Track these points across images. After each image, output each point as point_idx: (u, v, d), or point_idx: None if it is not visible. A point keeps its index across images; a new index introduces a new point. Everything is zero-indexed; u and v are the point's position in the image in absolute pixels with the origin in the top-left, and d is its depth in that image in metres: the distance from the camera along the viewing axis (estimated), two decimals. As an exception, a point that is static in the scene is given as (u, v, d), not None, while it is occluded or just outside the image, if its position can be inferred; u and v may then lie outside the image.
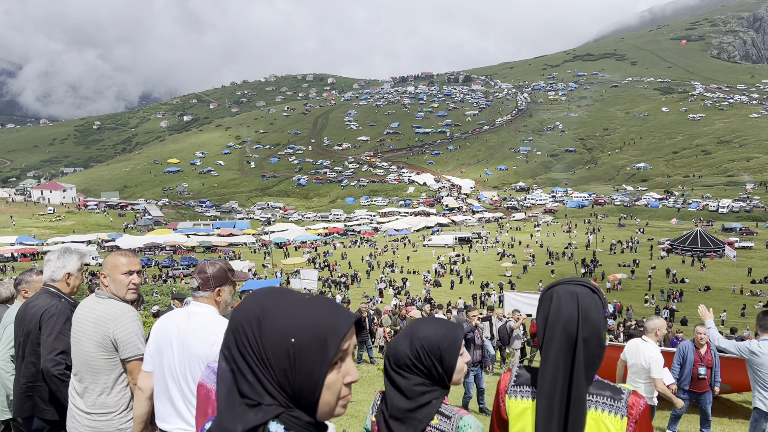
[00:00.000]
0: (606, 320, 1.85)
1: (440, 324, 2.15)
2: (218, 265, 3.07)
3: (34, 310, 3.51)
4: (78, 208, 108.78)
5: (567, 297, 1.84)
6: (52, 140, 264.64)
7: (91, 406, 3.11)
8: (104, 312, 3.13)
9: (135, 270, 3.30)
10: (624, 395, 1.76)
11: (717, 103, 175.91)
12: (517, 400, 1.91)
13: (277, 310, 1.15)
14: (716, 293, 46.03)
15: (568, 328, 1.79)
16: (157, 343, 2.92)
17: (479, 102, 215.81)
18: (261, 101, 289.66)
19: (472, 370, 9.41)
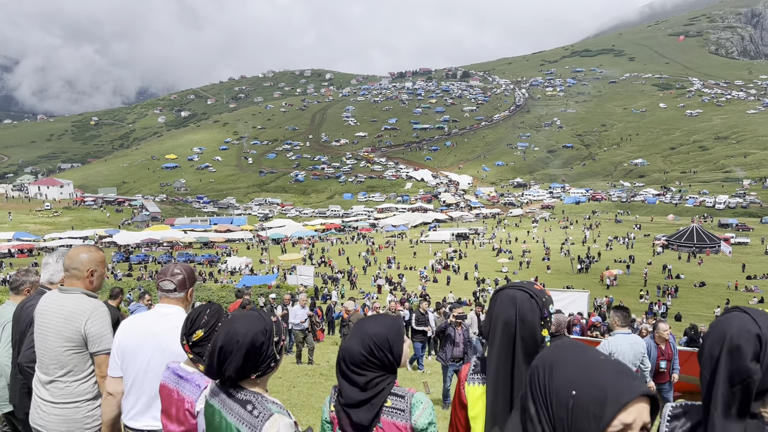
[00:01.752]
0: (542, 321, 2.07)
1: (383, 318, 2.39)
2: (186, 266, 3.19)
3: (29, 310, 3.58)
4: (75, 204, 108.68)
5: (507, 301, 2.11)
6: (50, 136, 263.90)
7: (58, 396, 3.15)
8: (75, 308, 3.17)
9: None
10: None
11: (714, 99, 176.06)
12: (474, 386, 2.19)
13: (571, 360, 1.22)
14: (711, 289, 46.19)
15: (506, 329, 2.07)
16: (128, 347, 2.97)
17: (477, 98, 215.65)
18: (259, 97, 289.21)
19: (451, 365, 9.53)
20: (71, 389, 3.18)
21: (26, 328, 3.59)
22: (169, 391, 2.64)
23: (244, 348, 2.10)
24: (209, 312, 2.71)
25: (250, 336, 2.11)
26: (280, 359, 2.26)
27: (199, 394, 2.49)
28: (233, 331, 2.13)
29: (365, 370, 2.22)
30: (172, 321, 2.96)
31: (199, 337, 2.65)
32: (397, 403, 2.22)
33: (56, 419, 3.14)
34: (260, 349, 2.13)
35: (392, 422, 2.20)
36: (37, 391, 3.22)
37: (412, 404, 2.22)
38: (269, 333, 2.17)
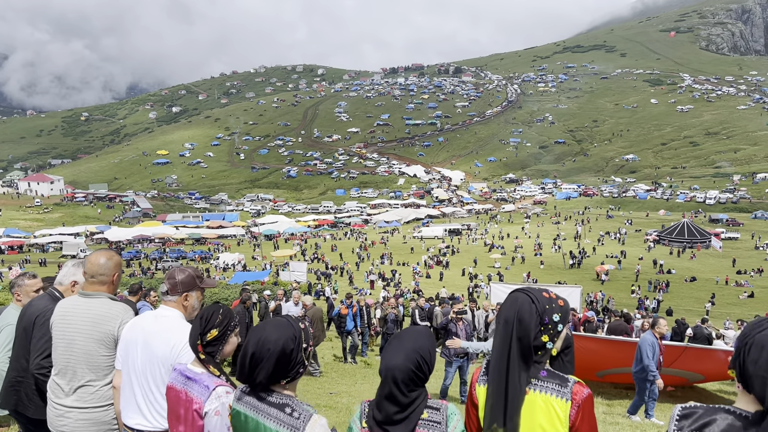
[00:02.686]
0: (541, 327, 2.14)
1: (419, 330, 2.40)
2: (187, 272, 3.21)
3: (32, 310, 3.67)
4: (66, 200, 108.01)
5: (511, 301, 2.21)
6: (39, 131, 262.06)
7: (88, 401, 3.19)
8: (106, 311, 3.24)
9: None
10: (570, 384, 2.11)
11: (705, 94, 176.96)
12: (483, 387, 2.25)
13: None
14: (702, 284, 46.55)
15: (505, 327, 2.17)
16: (126, 343, 3.04)
17: (469, 93, 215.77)
18: (250, 92, 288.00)
19: (455, 361, 9.53)
20: (101, 393, 3.23)
21: (28, 327, 3.63)
22: (177, 392, 2.66)
23: (275, 355, 2.17)
24: (222, 312, 2.74)
25: (281, 343, 2.18)
26: (308, 364, 2.33)
27: (207, 395, 2.53)
28: (264, 339, 2.19)
29: (416, 386, 2.22)
30: (164, 324, 3.00)
31: (213, 336, 2.68)
32: (433, 415, 2.23)
33: (85, 423, 3.18)
34: (290, 356, 2.21)
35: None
36: (58, 399, 3.23)
37: (447, 416, 2.23)
38: (298, 339, 2.24)
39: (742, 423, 1.69)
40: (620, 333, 10.92)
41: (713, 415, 1.74)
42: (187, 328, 2.93)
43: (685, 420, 1.78)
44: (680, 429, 1.78)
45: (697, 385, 11.27)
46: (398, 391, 2.20)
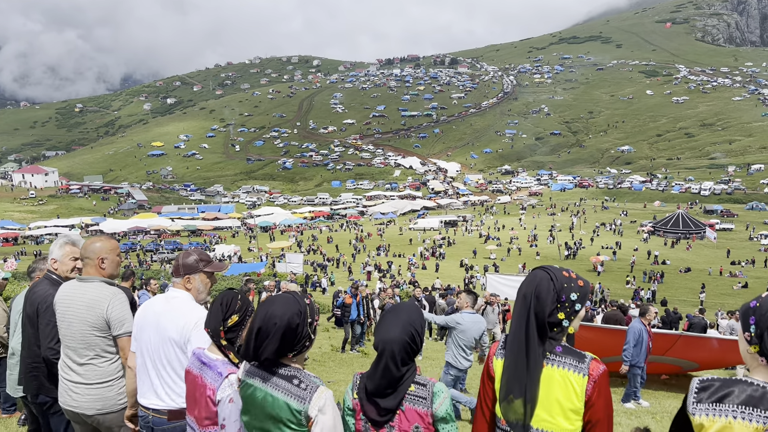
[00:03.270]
0: (558, 304, 2.22)
1: (409, 304, 2.53)
2: (193, 255, 3.26)
3: (34, 296, 3.80)
4: (60, 192, 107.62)
5: (531, 278, 2.30)
6: (33, 123, 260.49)
7: (93, 377, 3.35)
8: (96, 295, 3.35)
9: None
10: (587, 360, 2.18)
11: (701, 86, 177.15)
12: (500, 360, 2.33)
13: None
14: (696, 274, 46.80)
15: (524, 302, 2.26)
16: (139, 325, 3.14)
17: (465, 85, 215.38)
18: (245, 83, 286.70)
19: None
20: (103, 370, 3.38)
21: (33, 315, 3.75)
22: (194, 376, 2.70)
23: (282, 329, 2.24)
24: (241, 297, 2.79)
25: (286, 318, 2.25)
26: (314, 339, 2.40)
27: (220, 382, 2.56)
28: (271, 314, 2.27)
29: (409, 359, 2.36)
30: (174, 305, 3.07)
31: (234, 322, 2.73)
32: (419, 390, 2.34)
33: (91, 398, 3.34)
34: (296, 330, 2.28)
35: (414, 409, 2.33)
36: (67, 375, 3.39)
37: (433, 393, 2.34)
38: (304, 314, 2.31)
39: (762, 393, 1.73)
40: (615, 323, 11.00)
41: (731, 386, 1.77)
42: (196, 309, 3.05)
43: (703, 392, 1.81)
44: (699, 401, 1.82)
45: (691, 374, 11.37)
46: (393, 365, 2.31)
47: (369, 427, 2.37)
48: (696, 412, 1.82)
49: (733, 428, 1.74)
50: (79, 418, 3.44)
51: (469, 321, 7.27)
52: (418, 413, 2.33)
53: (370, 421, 2.36)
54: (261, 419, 2.29)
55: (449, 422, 2.36)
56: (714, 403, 1.77)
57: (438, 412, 2.33)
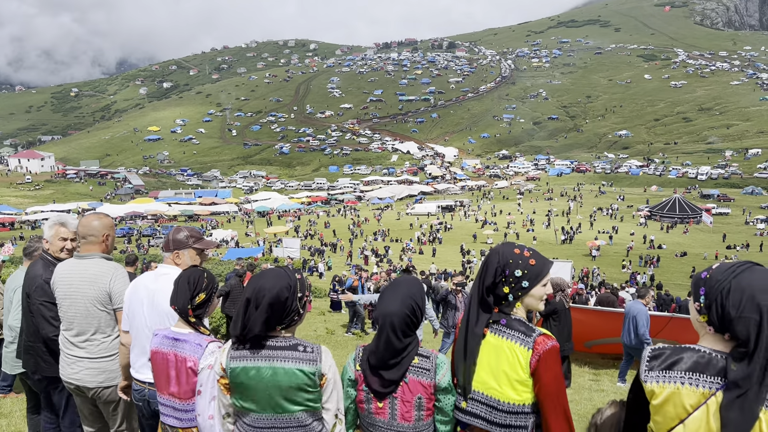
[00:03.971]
0: (502, 278, 2.31)
1: (410, 278, 2.60)
2: (184, 231, 3.35)
3: (29, 276, 3.86)
4: (57, 177, 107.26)
5: (488, 252, 2.45)
6: (29, 107, 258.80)
7: (95, 352, 3.47)
8: (98, 270, 3.45)
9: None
10: (534, 335, 2.26)
11: (699, 70, 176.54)
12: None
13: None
14: (692, 259, 46.96)
15: (478, 275, 2.41)
16: (130, 303, 3.21)
17: (463, 69, 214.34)
18: (242, 68, 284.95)
19: (453, 331, 9.70)
20: (106, 345, 3.50)
21: (33, 294, 3.79)
22: (164, 355, 2.72)
23: (270, 302, 2.28)
24: (207, 275, 2.85)
25: (275, 291, 2.29)
26: (303, 313, 2.44)
27: (201, 353, 2.61)
28: (260, 286, 2.31)
29: (410, 332, 2.41)
30: (165, 281, 3.12)
31: (201, 299, 2.79)
32: (423, 362, 2.40)
33: (93, 372, 3.46)
34: (285, 303, 2.31)
35: (418, 380, 2.37)
36: (69, 350, 3.50)
37: (436, 364, 2.40)
38: (293, 288, 2.34)
39: (708, 359, 1.79)
40: (608, 305, 11.08)
41: (681, 354, 1.85)
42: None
43: (655, 360, 1.88)
44: (651, 368, 1.88)
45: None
46: (395, 337, 2.36)
47: (371, 398, 2.42)
48: (647, 379, 1.88)
49: (681, 394, 1.81)
50: (80, 391, 3.53)
51: None
52: (422, 384, 2.37)
53: (373, 392, 2.41)
54: (273, 396, 2.30)
55: (450, 392, 2.41)
56: (663, 371, 1.84)
57: (441, 383, 2.38)
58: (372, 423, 2.45)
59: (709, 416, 1.77)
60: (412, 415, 2.39)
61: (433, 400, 2.41)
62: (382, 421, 2.41)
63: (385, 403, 2.40)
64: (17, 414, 5.65)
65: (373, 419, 2.44)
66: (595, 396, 7.95)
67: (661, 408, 1.87)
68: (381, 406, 2.41)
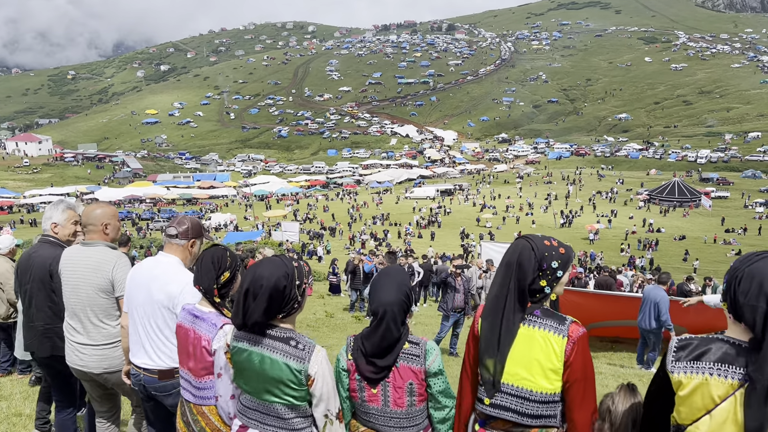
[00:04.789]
0: (539, 272, 2.31)
1: (399, 268, 2.67)
2: (195, 220, 3.37)
3: (40, 259, 3.83)
4: (55, 160, 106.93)
5: (514, 247, 2.39)
6: (26, 90, 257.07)
7: (98, 339, 3.51)
8: (101, 258, 3.49)
9: None
10: (567, 323, 2.28)
11: (700, 52, 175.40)
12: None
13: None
14: (690, 242, 47.06)
15: (507, 270, 2.35)
16: (130, 287, 3.25)
17: (462, 51, 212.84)
18: (240, 50, 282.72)
19: (452, 315, 9.72)
20: (108, 331, 3.54)
21: (45, 277, 3.81)
22: (186, 330, 2.77)
23: (268, 291, 2.29)
24: (230, 253, 2.85)
25: (273, 280, 2.30)
26: (303, 301, 2.45)
27: (215, 332, 2.63)
28: (258, 276, 2.32)
29: (405, 319, 2.48)
30: (163, 269, 3.14)
31: (226, 278, 2.80)
32: (412, 349, 2.46)
33: (97, 358, 3.51)
34: (283, 292, 2.32)
35: (408, 366, 2.43)
36: (73, 337, 3.55)
37: (426, 350, 2.46)
38: (291, 276, 2.35)
39: (736, 350, 1.79)
40: (606, 288, 11.10)
41: (709, 344, 1.85)
42: (184, 274, 3.11)
43: (682, 351, 1.88)
44: (678, 359, 1.89)
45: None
46: (394, 326, 2.42)
47: (364, 386, 2.46)
48: (675, 370, 1.88)
49: (710, 384, 1.80)
50: (86, 376, 3.60)
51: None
52: (412, 370, 2.43)
53: (366, 379, 2.45)
54: (259, 382, 2.34)
55: (439, 375, 2.47)
56: (692, 361, 1.83)
57: (431, 368, 2.44)
58: (366, 411, 2.49)
59: (736, 407, 1.75)
60: (405, 401, 2.43)
61: (424, 385, 2.45)
62: (375, 408, 2.46)
63: (379, 390, 2.44)
64: (17, 396, 5.68)
65: (367, 407, 2.48)
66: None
67: (687, 399, 1.85)
68: (375, 393, 2.44)
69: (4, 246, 6.25)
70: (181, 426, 2.81)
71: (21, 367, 6.41)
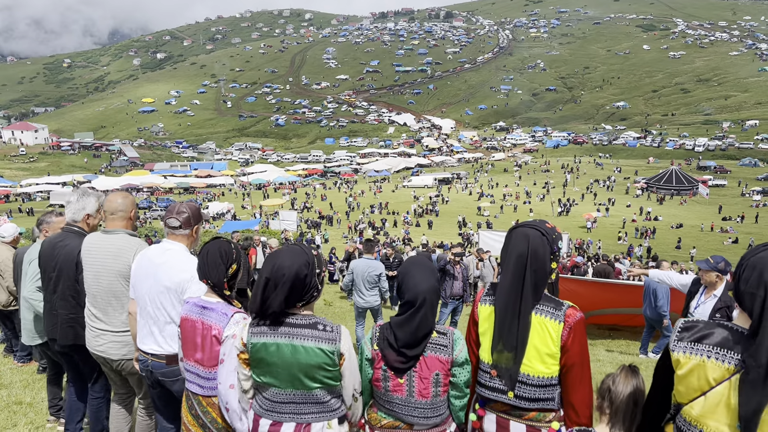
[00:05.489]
0: (551, 255, 2.37)
1: (426, 257, 2.66)
2: (192, 205, 3.41)
3: (67, 249, 3.87)
4: (51, 149, 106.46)
5: (521, 237, 2.40)
6: (21, 78, 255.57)
7: (117, 325, 3.59)
8: (122, 245, 3.57)
9: None
10: (563, 308, 2.33)
11: (698, 40, 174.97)
12: (485, 306, 2.49)
13: None
14: (687, 230, 47.17)
15: (519, 261, 2.36)
16: (137, 274, 3.30)
17: (460, 39, 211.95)
18: (236, 38, 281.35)
19: (451, 302, 9.76)
20: (125, 318, 3.58)
21: (70, 267, 3.85)
22: (192, 322, 2.78)
23: (290, 280, 2.30)
24: (235, 246, 2.89)
25: (294, 269, 2.31)
26: (321, 289, 2.48)
27: (226, 322, 2.66)
28: (279, 265, 2.32)
29: (436, 306, 2.48)
30: (170, 256, 3.19)
31: (233, 270, 2.83)
32: (440, 339, 2.44)
33: (116, 344, 3.59)
34: (304, 281, 2.34)
35: (436, 357, 2.41)
36: (93, 322, 3.64)
37: (454, 340, 2.44)
38: (312, 265, 2.37)
39: (737, 337, 1.85)
40: (605, 276, 11.13)
41: (713, 329, 1.91)
42: (191, 260, 3.15)
43: (686, 332, 1.95)
44: (681, 339, 1.95)
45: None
46: (431, 314, 2.42)
47: (389, 376, 2.43)
48: (675, 348, 1.95)
49: (707, 366, 1.86)
50: (105, 362, 3.68)
51: (360, 265, 8.07)
52: (440, 360, 2.41)
53: (393, 369, 2.42)
54: (292, 372, 2.33)
55: (465, 365, 2.46)
56: (693, 343, 1.90)
57: (458, 358, 2.43)
58: (389, 400, 2.46)
59: (730, 392, 1.81)
60: (430, 392, 2.41)
61: (449, 376, 2.44)
62: (399, 398, 2.43)
63: (404, 380, 2.41)
64: (17, 384, 5.70)
65: (391, 397, 2.45)
66: (592, 366, 8.00)
67: (685, 378, 1.92)
68: (402, 382, 2.42)
69: (8, 234, 6.34)
70: (189, 419, 2.82)
71: (21, 355, 6.46)
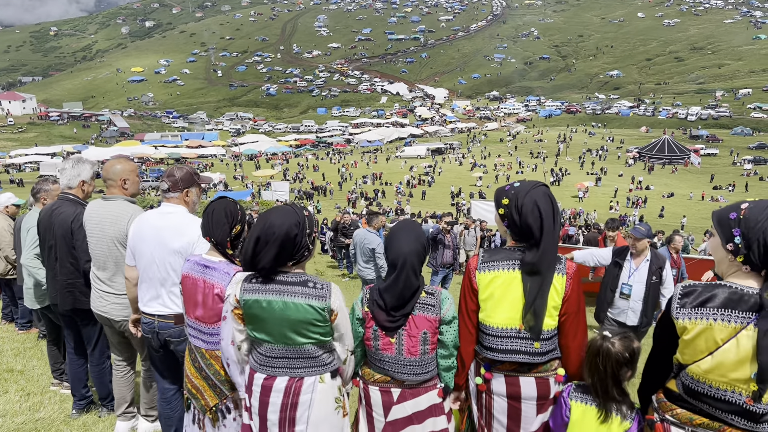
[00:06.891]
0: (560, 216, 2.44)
1: (413, 223, 2.72)
2: (185, 169, 3.42)
3: (63, 216, 3.91)
4: (40, 119, 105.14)
5: (541, 196, 2.44)
6: (7, 47, 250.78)
7: (119, 288, 3.68)
8: (120, 211, 3.62)
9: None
10: (563, 260, 2.40)
11: (693, 7, 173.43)
12: (486, 273, 2.47)
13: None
14: (678, 199, 47.41)
15: (549, 219, 2.39)
16: (136, 240, 3.32)
17: (454, 6, 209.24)
18: (226, 5, 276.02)
19: (441, 270, 9.82)
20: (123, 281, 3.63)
21: (66, 234, 3.91)
22: (194, 280, 2.82)
23: (280, 238, 2.34)
24: (240, 207, 2.92)
25: (284, 228, 2.35)
26: (313, 248, 2.52)
27: (228, 280, 2.68)
28: (269, 223, 2.37)
29: (421, 268, 2.55)
30: (172, 219, 3.24)
31: (237, 231, 2.88)
32: (428, 298, 2.52)
33: (118, 306, 3.70)
34: (294, 240, 2.38)
35: (423, 316, 2.50)
36: (98, 285, 3.74)
37: (441, 300, 2.53)
38: (302, 225, 2.41)
39: (739, 296, 1.86)
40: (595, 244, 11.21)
41: (713, 290, 1.91)
42: (196, 222, 3.18)
43: (686, 297, 1.94)
44: (683, 305, 1.96)
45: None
46: (413, 275, 2.50)
47: (379, 335, 2.54)
48: (679, 316, 1.94)
49: (713, 329, 1.87)
50: (108, 322, 3.79)
51: (359, 235, 8.25)
52: (427, 319, 2.50)
53: (383, 328, 2.52)
54: (283, 328, 2.39)
55: (452, 323, 2.54)
56: (696, 308, 1.90)
57: (446, 316, 2.51)
58: (380, 359, 2.56)
59: (738, 348, 1.83)
60: (418, 350, 2.50)
61: (437, 334, 2.52)
62: (389, 356, 2.53)
63: (395, 339, 2.51)
64: (8, 352, 5.73)
65: (381, 355, 2.55)
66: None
67: (691, 342, 1.92)
68: (393, 341, 2.51)
69: (0, 203, 6.38)
70: (192, 372, 2.89)
71: (21, 322, 6.59)
